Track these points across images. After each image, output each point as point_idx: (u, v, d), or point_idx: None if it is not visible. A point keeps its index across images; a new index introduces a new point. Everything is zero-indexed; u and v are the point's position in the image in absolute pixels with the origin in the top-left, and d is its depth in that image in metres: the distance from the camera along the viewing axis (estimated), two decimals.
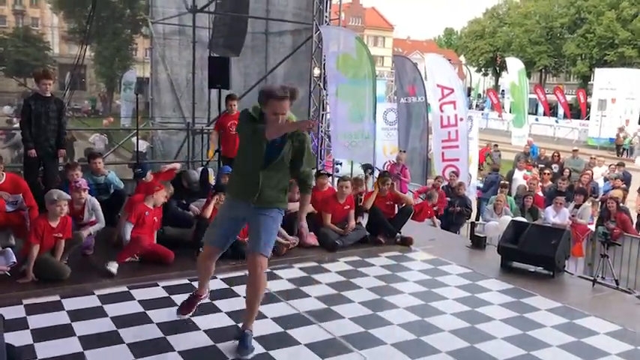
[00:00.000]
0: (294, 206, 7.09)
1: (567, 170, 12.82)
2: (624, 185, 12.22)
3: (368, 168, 10.32)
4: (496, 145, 17.56)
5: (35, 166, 6.91)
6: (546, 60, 51.23)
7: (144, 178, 6.92)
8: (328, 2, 10.77)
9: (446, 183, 10.82)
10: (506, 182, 11.32)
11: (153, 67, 11.68)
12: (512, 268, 6.46)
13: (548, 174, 12.33)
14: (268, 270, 5.88)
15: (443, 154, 11.89)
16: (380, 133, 14.77)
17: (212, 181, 8.46)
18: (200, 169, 8.87)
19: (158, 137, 11.49)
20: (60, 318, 4.57)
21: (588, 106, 34.86)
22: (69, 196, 5.60)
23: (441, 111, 11.93)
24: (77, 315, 4.61)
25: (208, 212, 6.39)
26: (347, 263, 6.39)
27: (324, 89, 10.89)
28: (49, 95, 6.82)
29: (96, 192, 7.12)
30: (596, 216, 9.46)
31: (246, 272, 5.65)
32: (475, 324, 4.78)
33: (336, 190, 7.40)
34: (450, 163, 11.62)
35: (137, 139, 9.36)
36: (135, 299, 5.01)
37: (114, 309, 4.76)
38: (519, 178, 12.05)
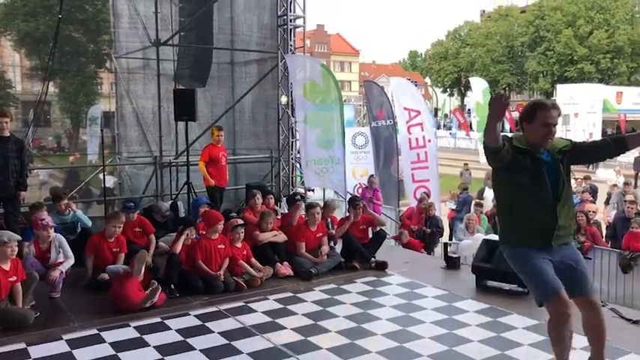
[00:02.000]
0: (265, 236, 7.06)
1: None
2: (592, 198, 12.44)
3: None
4: (466, 164, 17.78)
5: None
6: (509, 78, 52.48)
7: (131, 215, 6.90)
8: (292, 31, 10.85)
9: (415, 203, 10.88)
10: (481, 201, 11.42)
11: (118, 102, 11.56)
12: (487, 287, 6.46)
13: None
14: (242, 303, 5.81)
15: (413, 175, 11.97)
16: (349, 157, 14.84)
17: (182, 214, 8.36)
18: (169, 202, 8.76)
19: (126, 172, 11.31)
20: None
21: None
22: (19, 237, 5.43)
23: (409, 133, 12.04)
24: None
25: (178, 247, 6.28)
26: (323, 292, 6.31)
27: (293, 116, 10.91)
28: (8, 135, 6.66)
29: (63, 232, 6.95)
30: None
31: (219, 307, 5.60)
32: (454, 347, 4.74)
33: (307, 218, 7.34)
34: (420, 184, 11.70)
35: (104, 175, 9.19)
36: (105, 342, 4.84)
37: (83, 354, 4.59)
38: (490, 195, 12.16)
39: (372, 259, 7.33)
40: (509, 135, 3.64)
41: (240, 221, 6.99)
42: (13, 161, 6.66)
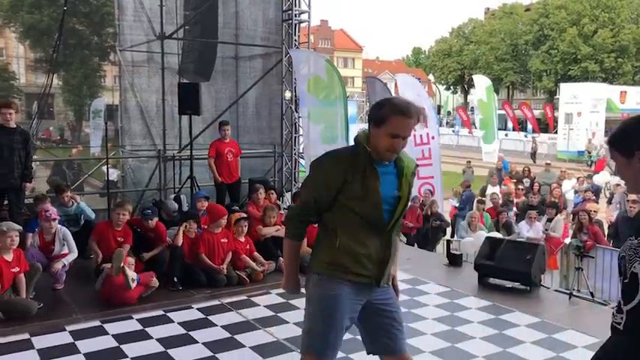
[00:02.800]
0: (268, 231, 7.08)
1: (537, 184, 13.01)
2: (594, 197, 12.43)
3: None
4: (469, 162, 17.76)
5: None
6: (513, 76, 52.34)
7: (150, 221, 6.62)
8: (297, 26, 10.84)
9: (421, 200, 10.88)
10: (483, 198, 11.42)
11: (122, 95, 11.54)
12: (489, 284, 6.47)
13: (522, 189, 12.50)
14: (244, 297, 5.83)
15: (418, 172, 11.95)
16: None
17: (185, 208, 8.38)
18: (172, 196, 8.78)
19: (129, 165, 11.31)
20: (29, 357, 4.40)
21: (555, 120, 35.62)
22: (19, 227, 5.45)
23: (414, 130, 12.01)
24: (48, 353, 4.46)
25: (179, 240, 6.30)
26: None
27: (296, 112, 10.90)
28: (14, 126, 6.66)
29: (66, 224, 6.98)
30: (571, 229, 9.59)
31: (222, 301, 5.62)
32: (456, 343, 4.76)
33: None
34: (424, 181, 11.69)
35: (107, 168, 9.20)
36: (108, 334, 4.87)
37: (86, 345, 4.62)
38: (496, 193, 12.16)
39: None
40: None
41: (244, 214, 7.00)
42: (19, 152, 6.66)
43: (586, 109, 30.51)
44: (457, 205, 12.47)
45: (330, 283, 2.77)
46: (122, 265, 5.41)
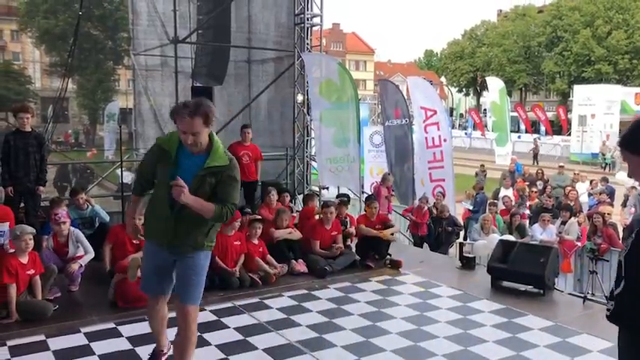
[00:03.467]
0: (281, 233, 7.10)
1: (549, 187, 12.93)
2: (609, 199, 12.33)
3: (344, 197, 10.23)
4: (482, 165, 17.66)
5: (15, 201, 6.81)
6: (526, 78, 52.03)
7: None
8: (309, 29, 10.88)
9: (433, 202, 10.85)
10: (495, 201, 11.37)
11: (136, 98, 11.67)
12: (502, 287, 6.44)
13: (535, 192, 12.42)
14: (257, 300, 5.86)
15: (430, 174, 11.93)
16: (367, 155, 14.88)
17: None
18: None
19: None
20: (45, 358, 4.45)
21: (569, 122, 35.35)
22: (33, 230, 5.49)
23: (426, 132, 12.00)
24: (63, 355, 4.50)
25: None
26: (337, 289, 6.34)
27: (308, 115, 10.94)
28: (29, 130, 6.75)
29: (80, 226, 7.05)
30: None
31: (235, 303, 5.65)
32: (468, 347, 4.74)
33: (322, 216, 7.37)
34: (437, 183, 11.67)
35: (121, 171, 9.28)
36: (123, 336, 4.90)
37: (101, 347, 4.66)
38: (508, 195, 12.10)
39: (388, 256, 7.34)
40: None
41: (258, 217, 7.04)
42: (34, 156, 6.76)
43: (600, 110, 30.26)
44: (470, 207, 12.43)
45: None
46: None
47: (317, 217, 7.49)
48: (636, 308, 1.99)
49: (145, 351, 4.57)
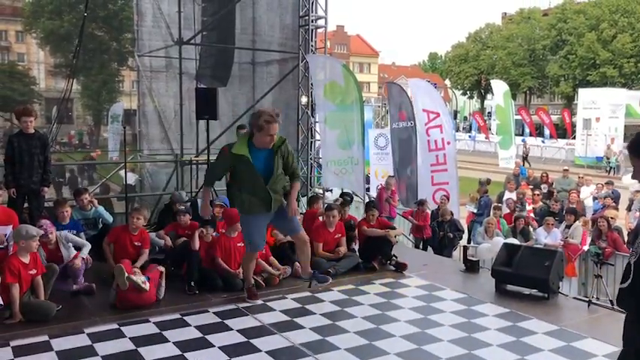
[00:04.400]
0: (283, 236, 7.09)
1: (555, 191, 12.88)
2: (614, 203, 12.28)
3: (347, 196, 10.22)
4: (489, 180, 17.42)
5: (19, 202, 6.81)
6: (530, 81, 51.96)
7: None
8: (314, 31, 10.88)
9: (436, 206, 10.81)
10: (499, 204, 11.34)
11: (140, 100, 11.67)
12: (506, 291, 6.42)
13: (539, 195, 12.39)
14: (260, 302, 5.85)
15: (432, 177, 11.89)
16: (372, 158, 14.87)
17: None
18: (182, 193, 8.85)
19: (147, 169, 11.43)
20: (49, 359, 4.45)
21: (574, 125, 35.25)
22: (40, 231, 5.49)
23: (428, 135, 11.95)
24: (67, 355, 4.50)
25: (196, 244, 6.33)
26: (341, 292, 6.32)
27: (312, 117, 10.93)
28: (32, 132, 6.77)
29: (84, 227, 7.06)
30: (589, 236, 9.48)
31: (238, 305, 5.65)
32: (472, 350, 4.72)
33: (325, 219, 7.35)
34: (440, 186, 11.62)
35: (125, 172, 9.28)
36: (126, 336, 4.90)
37: (104, 347, 4.65)
38: (512, 198, 12.06)
39: (394, 258, 7.31)
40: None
41: None
42: (38, 157, 6.76)
43: (605, 114, 30.16)
44: (474, 210, 12.40)
45: None
46: (127, 275, 5.41)
47: (320, 218, 7.47)
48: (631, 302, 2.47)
49: (147, 351, 4.58)
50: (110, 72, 26.85)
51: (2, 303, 5.06)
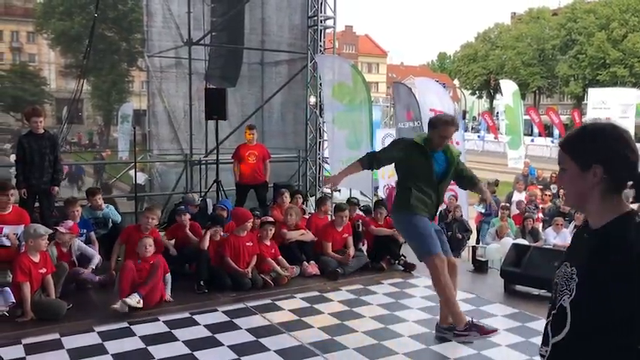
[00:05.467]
0: (293, 235, 7.11)
1: (562, 191, 12.80)
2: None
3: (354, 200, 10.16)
4: (496, 185, 17.33)
5: (30, 202, 6.88)
6: (540, 81, 51.72)
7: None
8: (322, 31, 10.89)
9: (444, 206, 10.78)
10: (507, 204, 11.30)
11: (150, 100, 11.74)
12: (515, 291, 6.41)
13: (549, 195, 12.33)
14: (269, 301, 5.87)
15: None
16: None
17: (210, 211, 8.46)
18: (195, 195, 8.89)
19: (156, 169, 11.49)
20: (60, 357, 4.50)
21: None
22: (49, 230, 5.54)
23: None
24: (77, 353, 4.55)
25: (205, 244, 6.36)
26: (349, 292, 6.34)
27: (321, 117, 10.95)
28: (42, 132, 6.83)
29: (94, 226, 7.11)
30: None
31: (247, 304, 5.66)
32: (481, 351, 4.72)
33: (334, 219, 7.37)
34: (449, 186, 11.56)
35: (135, 172, 9.34)
36: (136, 335, 4.95)
37: (114, 346, 4.70)
38: (522, 200, 12.00)
39: (402, 258, 7.31)
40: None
41: (270, 219, 7.05)
42: (48, 157, 6.82)
43: (615, 114, 29.91)
44: (482, 211, 12.35)
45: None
46: (121, 300, 5.37)
47: (328, 217, 7.48)
48: None
49: (157, 350, 4.61)
50: (120, 72, 26.96)
51: (14, 301, 5.12)
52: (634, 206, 1.69)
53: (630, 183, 1.65)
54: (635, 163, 1.66)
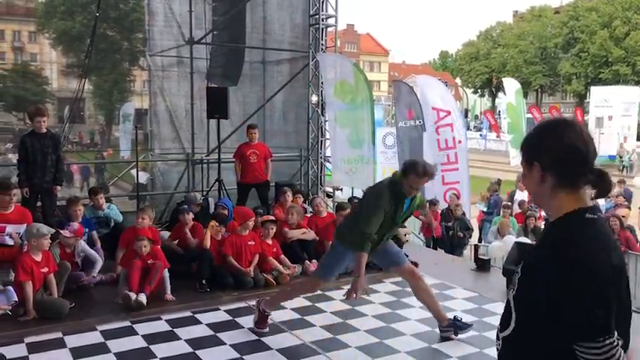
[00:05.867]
0: (294, 234, 7.11)
1: None
2: (626, 202, 12.18)
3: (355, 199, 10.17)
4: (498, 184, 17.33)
5: (32, 201, 6.89)
6: (542, 79, 51.67)
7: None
8: (324, 30, 10.88)
9: (446, 206, 10.77)
10: (509, 203, 11.29)
11: (151, 99, 11.73)
12: None
13: None
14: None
15: (443, 177, 11.81)
16: (379, 156, 14.81)
17: (212, 210, 8.46)
18: (197, 194, 8.89)
19: (158, 168, 11.49)
20: (62, 356, 4.50)
21: (586, 124, 35.00)
22: (51, 229, 5.54)
23: (437, 134, 11.83)
24: (79, 352, 4.55)
25: (208, 242, 6.36)
26: None
27: (323, 116, 10.94)
28: (45, 131, 6.83)
29: (96, 225, 7.12)
30: None
31: (249, 303, 5.66)
32: (483, 349, 4.72)
33: (335, 218, 7.36)
34: (450, 186, 11.55)
35: (137, 171, 9.35)
36: (138, 334, 4.95)
37: (117, 344, 4.70)
38: (524, 199, 11.98)
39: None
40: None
41: (271, 217, 7.05)
42: (50, 157, 6.83)
43: (617, 112, 29.92)
44: (484, 209, 12.35)
45: None
46: (136, 295, 5.42)
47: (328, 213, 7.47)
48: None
49: (159, 349, 4.61)
50: (122, 72, 27.00)
51: (17, 300, 5.13)
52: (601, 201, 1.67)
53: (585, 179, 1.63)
54: (584, 158, 1.63)
